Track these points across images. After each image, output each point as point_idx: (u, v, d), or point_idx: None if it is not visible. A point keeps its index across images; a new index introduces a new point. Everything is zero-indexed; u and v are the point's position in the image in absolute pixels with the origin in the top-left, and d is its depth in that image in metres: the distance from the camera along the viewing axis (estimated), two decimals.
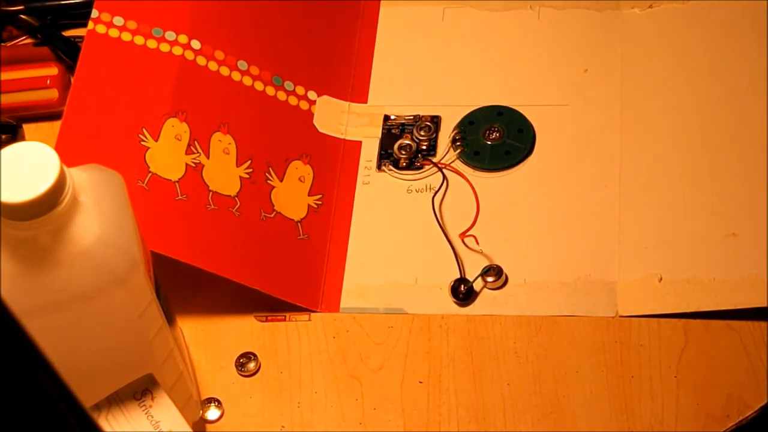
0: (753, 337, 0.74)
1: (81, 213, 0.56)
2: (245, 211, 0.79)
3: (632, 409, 0.72)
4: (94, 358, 0.61)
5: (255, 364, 0.76)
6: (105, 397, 0.60)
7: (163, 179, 0.77)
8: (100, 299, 0.58)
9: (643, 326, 0.75)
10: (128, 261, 0.58)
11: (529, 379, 0.74)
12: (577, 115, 0.84)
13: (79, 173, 0.57)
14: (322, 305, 0.78)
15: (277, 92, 0.84)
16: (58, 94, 0.88)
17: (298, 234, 0.80)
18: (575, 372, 0.74)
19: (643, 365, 0.74)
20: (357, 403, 0.74)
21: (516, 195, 0.82)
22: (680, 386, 0.73)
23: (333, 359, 0.76)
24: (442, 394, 0.74)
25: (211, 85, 0.81)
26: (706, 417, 0.71)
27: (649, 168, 0.81)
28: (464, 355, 0.75)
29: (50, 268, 0.56)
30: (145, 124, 0.78)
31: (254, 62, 0.83)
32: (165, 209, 0.76)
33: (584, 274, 0.78)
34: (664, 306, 0.75)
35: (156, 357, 0.64)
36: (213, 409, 0.74)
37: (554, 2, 0.90)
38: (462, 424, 0.72)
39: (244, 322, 0.78)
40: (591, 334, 0.75)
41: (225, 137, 0.80)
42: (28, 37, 0.93)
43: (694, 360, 0.74)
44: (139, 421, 0.60)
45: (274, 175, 0.81)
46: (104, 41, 0.80)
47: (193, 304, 0.78)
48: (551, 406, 0.73)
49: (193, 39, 0.82)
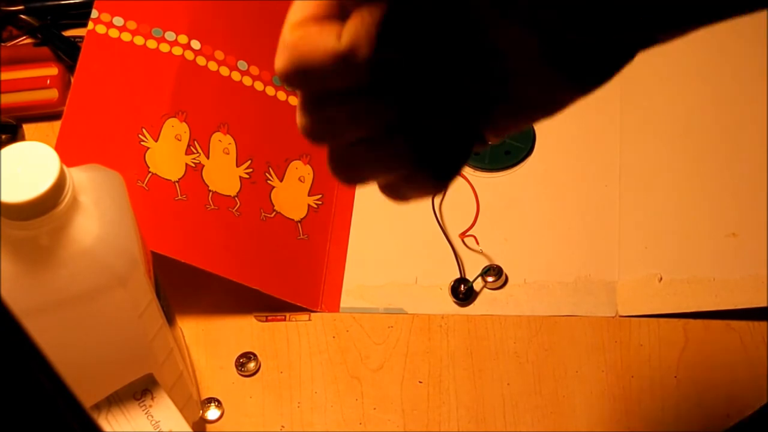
0: (753, 337, 0.74)
1: (81, 213, 0.56)
2: (245, 211, 0.79)
3: (632, 409, 0.72)
4: (94, 358, 0.61)
5: (255, 364, 0.76)
6: (105, 397, 0.60)
7: (163, 179, 0.77)
8: (100, 299, 0.58)
9: (643, 326, 0.75)
10: (128, 261, 0.58)
11: (529, 379, 0.74)
12: (577, 115, 0.84)
13: (79, 173, 0.57)
14: (322, 305, 0.78)
15: (277, 92, 0.84)
16: (58, 94, 0.88)
17: (298, 234, 0.80)
18: (575, 372, 0.74)
19: (643, 365, 0.74)
20: (357, 403, 0.74)
21: (516, 195, 0.82)
22: (680, 386, 0.73)
23: (333, 359, 0.76)
24: (442, 394, 0.74)
25: (211, 85, 0.81)
26: (706, 417, 0.71)
27: (649, 168, 0.81)
28: (464, 355, 0.75)
29: (50, 268, 0.56)
30: (145, 124, 0.78)
31: (254, 62, 0.83)
32: (165, 209, 0.76)
33: (584, 274, 0.78)
34: (664, 306, 0.75)
35: (156, 357, 0.64)
36: (213, 409, 0.74)
37: None
38: (462, 424, 0.72)
39: (244, 322, 0.78)
40: (591, 334, 0.75)
41: (225, 137, 0.80)
42: (28, 37, 0.93)
43: (694, 360, 0.74)
44: (139, 421, 0.60)
45: (274, 175, 0.81)
46: (104, 41, 0.80)
47: (193, 304, 0.78)
48: (551, 406, 0.73)
49: (193, 39, 0.82)
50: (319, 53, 0.41)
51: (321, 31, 0.41)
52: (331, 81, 0.42)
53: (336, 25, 0.41)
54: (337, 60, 0.41)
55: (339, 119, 0.43)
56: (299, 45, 0.41)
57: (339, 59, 0.41)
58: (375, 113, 0.43)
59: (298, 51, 0.41)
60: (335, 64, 0.41)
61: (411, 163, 0.44)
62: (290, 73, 0.42)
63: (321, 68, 0.41)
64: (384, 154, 0.44)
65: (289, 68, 0.42)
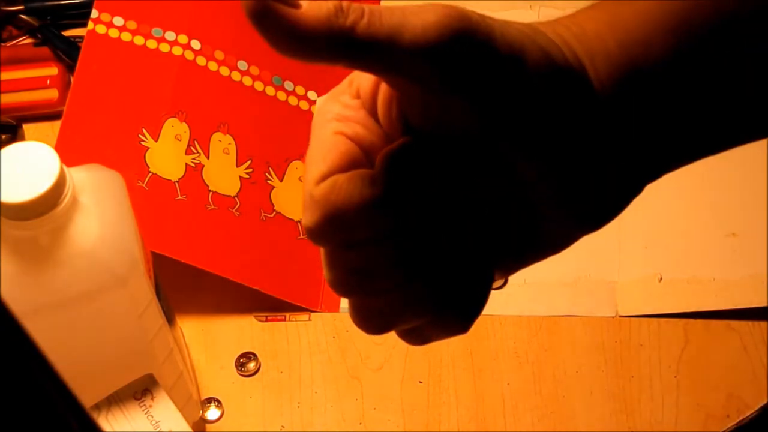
0: (753, 337, 0.74)
1: (81, 213, 0.56)
2: (245, 211, 0.79)
3: (632, 409, 0.72)
4: (94, 358, 0.61)
5: (255, 364, 0.76)
6: (105, 397, 0.60)
7: (163, 179, 0.77)
8: (100, 299, 0.58)
9: (643, 326, 0.75)
10: (128, 261, 0.58)
11: (529, 379, 0.74)
12: None
13: (79, 173, 0.57)
14: (322, 305, 0.78)
15: (277, 92, 0.84)
16: (58, 94, 0.88)
17: (298, 234, 0.80)
18: (575, 372, 0.74)
19: (643, 365, 0.74)
20: (357, 403, 0.74)
21: None
22: (680, 386, 0.73)
23: (333, 359, 0.76)
24: (442, 394, 0.74)
25: (211, 85, 0.81)
26: (706, 417, 0.71)
27: None
28: (464, 355, 0.75)
29: (50, 268, 0.56)
30: (145, 124, 0.78)
31: (254, 62, 0.83)
32: (165, 209, 0.76)
33: (584, 274, 0.78)
34: (664, 306, 0.75)
35: (156, 357, 0.64)
36: (213, 409, 0.74)
37: (554, 2, 0.90)
38: (462, 424, 0.72)
39: (244, 322, 0.78)
40: (591, 334, 0.75)
41: (225, 137, 0.80)
42: (28, 37, 0.93)
43: (694, 360, 0.74)
44: (139, 421, 0.60)
45: (274, 175, 0.81)
46: (104, 41, 0.80)
47: (193, 304, 0.78)
48: (551, 406, 0.73)
49: (193, 39, 0.82)
50: (353, 202, 0.41)
51: (350, 180, 0.41)
52: (362, 230, 0.41)
53: (363, 173, 0.41)
54: (373, 206, 0.41)
55: (369, 267, 0.42)
56: (330, 197, 0.41)
57: (375, 205, 0.40)
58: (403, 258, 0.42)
59: (330, 203, 0.41)
60: (371, 211, 0.41)
61: (437, 308, 0.44)
62: (323, 227, 0.41)
63: (356, 217, 0.41)
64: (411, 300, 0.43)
65: (322, 222, 0.41)
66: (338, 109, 0.43)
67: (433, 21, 0.38)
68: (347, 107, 0.43)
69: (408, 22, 0.38)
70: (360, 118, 0.42)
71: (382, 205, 0.41)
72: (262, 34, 0.37)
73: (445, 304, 0.44)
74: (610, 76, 0.42)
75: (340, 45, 0.37)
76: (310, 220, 0.41)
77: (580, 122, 0.42)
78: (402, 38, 0.38)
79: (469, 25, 0.39)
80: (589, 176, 0.43)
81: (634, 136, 0.43)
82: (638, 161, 0.44)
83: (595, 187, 0.43)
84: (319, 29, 0.37)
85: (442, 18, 0.38)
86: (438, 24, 0.38)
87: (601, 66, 0.42)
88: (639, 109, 0.42)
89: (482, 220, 0.43)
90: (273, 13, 0.37)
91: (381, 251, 0.42)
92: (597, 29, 0.43)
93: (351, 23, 0.37)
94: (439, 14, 0.39)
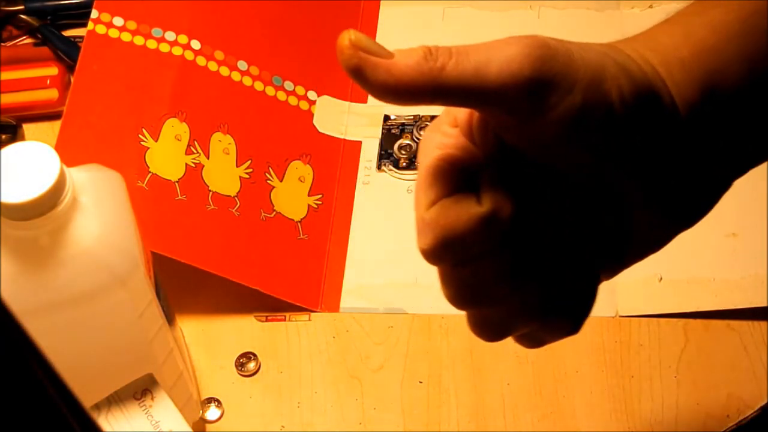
0: (753, 337, 0.74)
1: (81, 213, 0.56)
2: (245, 211, 0.79)
3: (632, 409, 0.72)
4: (94, 358, 0.61)
5: (255, 364, 0.76)
6: (105, 397, 0.60)
7: (163, 179, 0.77)
8: (100, 299, 0.58)
9: (643, 326, 0.75)
10: (128, 261, 0.58)
11: (529, 379, 0.74)
12: None
13: (79, 173, 0.57)
14: (322, 305, 0.78)
15: (277, 92, 0.84)
16: (58, 94, 0.88)
17: (297, 234, 0.80)
18: (575, 372, 0.74)
19: (643, 365, 0.74)
20: (357, 403, 0.74)
21: None
22: (680, 386, 0.73)
23: (333, 359, 0.76)
24: (442, 394, 0.74)
25: (211, 85, 0.81)
26: (706, 417, 0.71)
27: None
28: (464, 355, 0.75)
29: (50, 268, 0.56)
30: (145, 124, 0.78)
31: (254, 62, 0.83)
32: (165, 209, 0.76)
33: None
34: (664, 306, 0.75)
35: (156, 357, 0.64)
36: (213, 409, 0.74)
37: (554, 2, 0.90)
38: (462, 424, 0.72)
39: (244, 322, 0.78)
40: (591, 334, 0.75)
41: (225, 137, 0.80)
42: (28, 37, 0.93)
43: (694, 360, 0.74)
44: (139, 421, 0.60)
45: (274, 175, 0.81)
46: (104, 41, 0.80)
47: (193, 304, 0.78)
48: (551, 406, 0.73)
49: (193, 39, 0.82)
50: (462, 221, 0.44)
51: (457, 202, 0.44)
52: (472, 247, 0.44)
53: (467, 194, 0.44)
54: (481, 223, 0.44)
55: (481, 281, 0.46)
56: (441, 219, 0.44)
57: (483, 222, 0.44)
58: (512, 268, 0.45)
59: (440, 226, 0.44)
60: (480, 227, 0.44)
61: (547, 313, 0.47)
62: (438, 248, 0.44)
63: (467, 235, 0.44)
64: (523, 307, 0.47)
65: (436, 244, 0.44)
66: (440, 138, 0.46)
67: (516, 53, 0.41)
68: (447, 135, 0.46)
69: (493, 57, 0.41)
70: (460, 145, 0.45)
71: (488, 222, 0.44)
72: (361, 85, 0.41)
73: (554, 308, 0.47)
74: (687, 84, 0.44)
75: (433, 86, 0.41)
76: (425, 243, 0.45)
77: (667, 132, 0.44)
78: (488, 72, 0.41)
79: (548, 52, 0.42)
80: (679, 180, 0.45)
81: (717, 138, 0.45)
82: (723, 161, 0.46)
83: (685, 188, 0.46)
84: (412, 75, 0.41)
85: (523, 48, 0.41)
86: (520, 55, 0.41)
87: (678, 75, 0.44)
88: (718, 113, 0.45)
89: (581, 226, 0.46)
90: (369, 66, 0.41)
91: (491, 265, 0.45)
92: (672, 41, 0.45)
93: (441, 65, 0.41)
94: (521, 45, 0.42)
